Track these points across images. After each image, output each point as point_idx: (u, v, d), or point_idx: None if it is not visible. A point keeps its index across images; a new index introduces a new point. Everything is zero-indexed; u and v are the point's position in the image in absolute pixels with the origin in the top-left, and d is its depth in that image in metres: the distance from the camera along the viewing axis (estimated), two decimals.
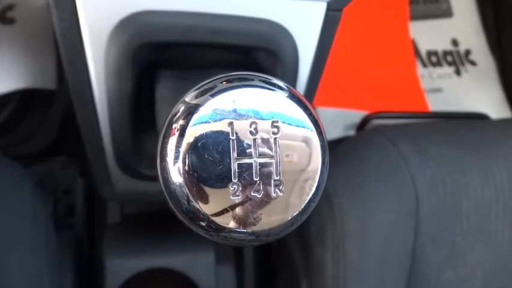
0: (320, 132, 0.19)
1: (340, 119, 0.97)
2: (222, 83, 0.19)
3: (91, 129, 0.43)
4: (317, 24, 0.42)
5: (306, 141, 0.18)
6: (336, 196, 0.59)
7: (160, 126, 0.39)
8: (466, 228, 0.60)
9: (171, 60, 0.41)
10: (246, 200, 0.17)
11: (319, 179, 0.18)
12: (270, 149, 0.18)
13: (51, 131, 0.89)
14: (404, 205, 0.58)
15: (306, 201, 0.18)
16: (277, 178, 0.18)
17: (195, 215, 0.18)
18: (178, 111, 0.19)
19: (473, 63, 1.22)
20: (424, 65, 1.16)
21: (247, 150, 0.17)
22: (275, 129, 0.18)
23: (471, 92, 1.16)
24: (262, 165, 0.18)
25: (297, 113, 0.18)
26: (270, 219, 0.18)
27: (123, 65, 0.38)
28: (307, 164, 0.18)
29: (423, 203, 0.58)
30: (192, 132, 0.18)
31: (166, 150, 0.18)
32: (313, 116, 0.18)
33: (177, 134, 0.18)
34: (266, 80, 0.19)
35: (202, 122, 0.18)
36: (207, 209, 0.17)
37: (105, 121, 0.42)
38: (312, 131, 0.18)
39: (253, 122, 0.18)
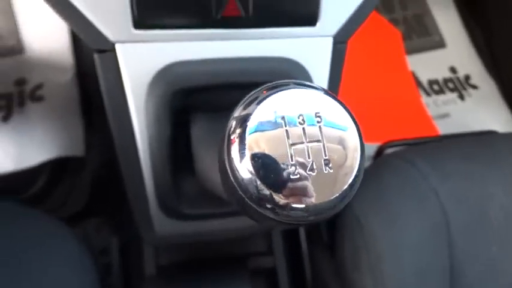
0: (353, 117, 0.22)
1: None
2: (262, 92, 0.23)
3: (134, 175, 0.47)
4: (327, 57, 0.47)
5: (344, 125, 0.22)
6: (365, 219, 0.61)
7: (199, 164, 0.43)
8: (498, 238, 0.61)
9: (203, 104, 0.46)
10: (303, 178, 0.21)
11: (361, 156, 0.22)
12: (317, 134, 0.21)
13: (82, 195, 0.93)
14: (433, 221, 0.60)
15: (353, 176, 0.22)
16: (326, 157, 0.21)
17: (263, 200, 0.21)
18: (232, 125, 0.23)
19: (474, 87, 1.27)
20: (428, 94, 1.21)
21: (299, 137, 0.21)
22: (318, 119, 0.22)
23: (478, 114, 1.19)
24: (312, 148, 0.21)
25: (333, 104, 0.22)
26: (325, 194, 0.21)
27: (161, 112, 0.43)
28: (347, 144, 0.22)
29: (452, 218, 0.59)
30: (250, 136, 0.21)
31: (231, 156, 0.22)
32: (345, 106, 0.22)
33: (237, 141, 0.22)
34: (299, 83, 0.23)
35: (256, 125, 0.22)
36: (273, 191, 0.21)
37: (147, 166, 0.46)
38: (347, 117, 0.22)
39: (300, 115, 0.21)
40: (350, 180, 0.21)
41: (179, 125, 0.46)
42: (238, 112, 0.24)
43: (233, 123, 0.23)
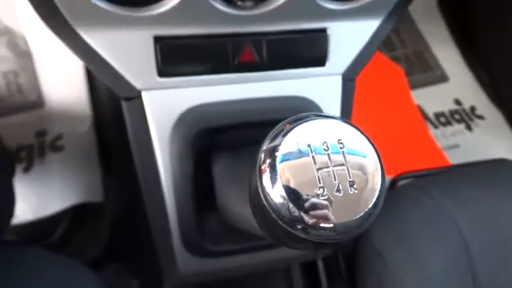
0: (371, 143, 0.25)
1: None
2: (285, 126, 0.26)
3: (158, 212, 0.49)
4: (337, 94, 0.50)
5: (364, 150, 0.24)
6: (386, 251, 0.62)
7: (222, 200, 0.46)
8: None
9: (223, 143, 0.48)
10: (331, 199, 0.23)
11: (381, 177, 0.24)
12: (341, 159, 0.23)
13: (101, 240, 0.94)
14: (454, 249, 0.60)
15: (376, 196, 0.23)
16: (351, 179, 0.23)
17: (294, 221, 0.23)
18: (261, 157, 0.26)
19: (480, 117, 1.29)
20: (436, 126, 1.24)
21: (325, 163, 0.23)
22: (341, 145, 0.24)
23: (487, 143, 1.21)
24: (337, 171, 0.23)
25: (352, 131, 0.25)
26: (351, 213, 0.23)
27: (184, 152, 0.46)
28: (369, 167, 0.24)
29: (472, 244, 0.60)
30: (280, 164, 0.24)
31: (263, 184, 0.24)
32: (363, 132, 0.25)
33: (268, 169, 0.24)
34: (319, 114, 0.25)
35: (284, 155, 0.24)
36: (303, 213, 0.22)
37: (171, 203, 0.48)
38: (366, 142, 0.24)
39: (324, 142, 0.24)
40: (374, 200, 0.23)
41: (201, 163, 0.48)
42: (266, 145, 0.26)
43: (262, 155, 0.26)
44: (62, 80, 1.15)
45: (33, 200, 0.96)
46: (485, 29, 1.34)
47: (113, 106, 1.10)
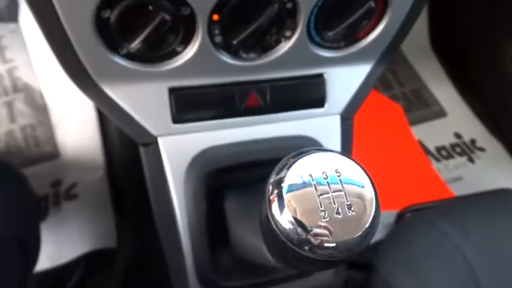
0: (365, 171, 0.28)
1: None
2: (289, 160, 0.29)
3: (174, 249, 0.52)
4: (337, 132, 0.54)
5: (358, 177, 0.28)
6: (394, 282, 0.63)
7: (234, 234, 0.49)
8: None
9: (234, 181, 0.52)
10: (332, 221, 0.26)
11: (376, 200, 0.27)
12: (338, 185, 0.27)
13: (116, 285, 0.96)
14: (461, 278, 0.62)
15: (372, 217, 0.27)
16: (348, 203, 0.26)
17: (302, 242, 0.26)
18: (269, 188, 0.29)
19: (481, 149, 1.32)
20: (438, 160, 1.27)
21: (325, 190, 0.27)
22: (338, 174, 0.27)
23: (489, 174, 1.23)
24: (336, 196, 0.27)
25: (347, 161, 0.28)
26: (350, 232, 0.26)
27: (198, 191, 0.49)
28: (364, 192, 0.27)
29: (479, 272, 0.61)
30: (286, 195, 0.27)
31: (272, 211, 0.28)
32: (357, 162, 0.28)
33: (276, 199, 0.28)
34: (318, 148, 0.29)
35: (289, 186, 0.28)
36: (310, 235, 0.26)
37: (186, 239, 0.51)
38: (360, 170, 0.28)
39: (323, 172, 0.27)
40: (370, 220, 0.26)
41: (214, 201, 0.52)
42: (273, 178, 0.30)
43: (270, 186, 0.29)
44: (76, 131, 1.21)
45: (50, 249, 0.98)
46: (478, 65, 1.41)
47: (124, 153, 1.15)
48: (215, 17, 0.41)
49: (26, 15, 1.22)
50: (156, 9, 0.39)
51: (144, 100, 0.47)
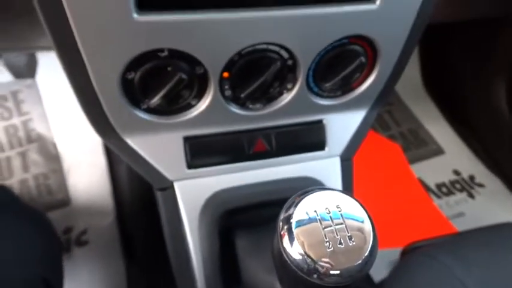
0: (363, 207, 0.32)
1: (380, 260, 1.05)
2: (296, 198, 0.34)
3: (189, 287, 0.55)
4: (337, 172, 0.59)
5: (358, 212, 0.32)
6: None
7: (246, 270, 0.52)
8: None
9: (244, 221, 0.56)
10: (335, 251, 0.30)
11: (373, 231, 0.31)
12: (340, 219, 0.31)
13: None
14: None
15: (370, 246, 0.30)
16: (349, 234, 0.30)
17: (311, 271, 0.30)
18: (280, 225, 0.33)
19: (481, 185, 1.35)
20: (438, 197, 1.30)
21: (328, 223, 0.31)
22: (339, 209, 0.31)
23: (490, 209, 1.26)
24: (338, 229, 0.31)
25: (347, 198, 0.32)
26: (352, 260, 0.30)
27: (211, 230, 0.53)
28: (363, 225, 0.31)
29: None
30: (295, 230, 0.31)
31: (283, 244, 0.32)
32: (355, 199, 0.32)
33: (286, 233, 0.32)
34: (321, 187, 0.33)
35: (297, 222, 0.32)
36: (317, 265, 0.29)
37: (200, 278, 0.54)
38: (358, 206, 0.32)
39: (326, 207, 0.31)
40: (369, 249, 0.30)
41: (226, 240, 0.55)
42: (282, 215, 0.34)
43: (280, 223, 0.33)
44: (86, 178, 1.25)
45: None
46: (471, 103, 1.47)
47: (134, 199, 1.18)
48: (225, 74, 0.47)
49: (43, 72, 1.30)
50: (174, 70, 0.44)
51: (161, 148, 0.52)
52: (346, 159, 0.59)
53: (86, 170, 1.26)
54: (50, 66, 1.31)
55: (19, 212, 0.62)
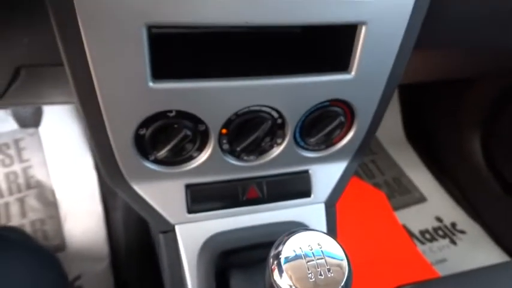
0: (340, 245, 0.38)
1: None
2: (284, 237, 0.40)
3: None
4: (322, 217, 0.65)
5: (335, 249, 0.38)
6: None
7: None
8: None
9: (238, 261, 0.61)
10: (317, 282, 0.36)
11: (348, 265, 0.37)
12: (320, 254, 0.37)
13: None
14: None
15: (346, 277, 0.36)
16: (328, 267, 0.36)
17: None
18: (270, 261, 0.39)
19: (462, 232, 1.42)
20: (422, 243, 1.36)
21: (311, 258, 0.37)
22: (320, 246, 0.38)
23: (472, 255, 1.31)
24: (319, 262, 0.37)
25: (326, 237, 0.39)
26: None
27: (209, 270, 0.58)
28: (339, 260, 0.37)
29: None
30: (284, 265, 0.37)
31: (274, 278, 0.37)
32: (333, 237, 0.39)
33: (276, 268, 0.38)
34: (306, 228, 0.40)
35: (285, 258, 0.38)
36: None
37: None
38: (335, 244, 0.38)
39: (309, 245, 0.38)
40: (345, 279, 0.36)
41: (221, 279, 0.60)
42: (272, 252, 0.40)
43: (271, 259, 0.39)
44: (82, 224, 1.29)
45: None
46: (448, 153, 1.56)
47: (129, 244, 1.22)
48: (224, 131, 0.54)
49: (45, 120, 1.37)
50: (180, 127, 0.52)
51: (165, 195, 0.59)
52: (330, 206, 0.66)
53: (82, 217, 1.30)
54: (52, 116, 1.39)
55: (31, 251, 0.66)
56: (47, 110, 1.37)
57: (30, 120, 1.33)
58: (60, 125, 1.38)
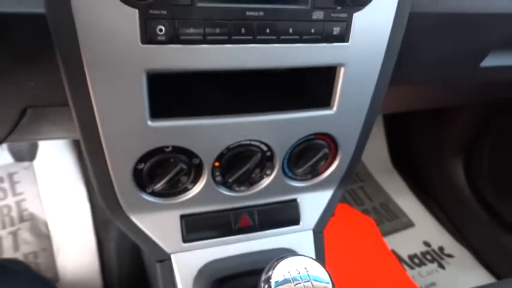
0: (325, 269, 0.42)
1: None
2: (274, 263, 0.43)
3: None
4: (311, 244, 0.68)
5: (321, 273, 0.41)
6: None
7: None
8: None
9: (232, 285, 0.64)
10: None
11: (332, 285, 0.41)
12: (307, 277, 0.41)
13: None
14: None
15: None
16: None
17: None
18: (262, 285, 0.42)
19: (450, 256, 1.45)
20: (411, 267, 1.38)
21: (298, 281, 0.40)
22: (307, 270, 0.41)
23: (460, 278, 1.34)
24: (306, 285, 0.40)
25: (312, 262, 0.42)
26: None
27: None
28: (325, 283, 0.41)
29: None
30: (274, 287, 0.41)
31: None
32: (319, 262, 0.42)
33: None
34: (295, 254, 0.43)
35: (275, 282, 0.41)
36: None
37: None
38: (321, 268, 0.42)
39: (296, 269, 0.41)
40: None
41: None
42: (263, 276, 0.43)
43: (262, 283, 0.43)
44: (76, 257, 1.29)
45: None
46: (434, 179, 1.61)
47: (122, 276, 1.22)
48: (216, 164, 0.58)
49: (40, 154, 1.40)
50: (175, 161, 0.56)
51: (161, 225, 0.62)
52: (318, 232, 0.69)
53: (75, 249, 1.30)
54: (47, 150, 1.41)
55: (30, 281, 0.68)
56: (42, 144, 1.40)
57: (26, 154, 1.35)
58: (55, 159, 1.40)
